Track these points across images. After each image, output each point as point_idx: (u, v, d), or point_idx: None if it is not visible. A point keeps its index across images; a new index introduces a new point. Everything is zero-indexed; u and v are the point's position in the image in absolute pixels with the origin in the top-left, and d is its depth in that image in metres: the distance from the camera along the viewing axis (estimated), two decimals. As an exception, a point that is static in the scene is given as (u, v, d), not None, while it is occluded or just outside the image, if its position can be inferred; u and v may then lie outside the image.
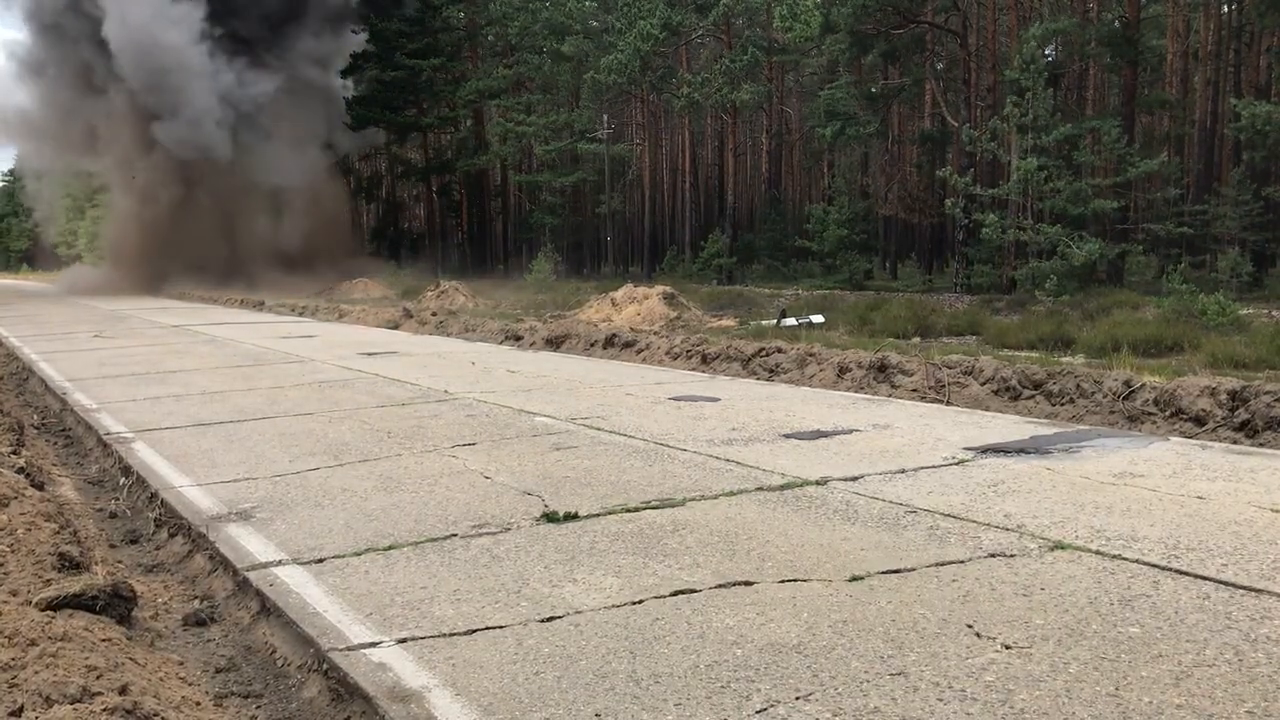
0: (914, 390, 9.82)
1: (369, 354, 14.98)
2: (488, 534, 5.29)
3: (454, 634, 3.96)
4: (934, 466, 6.65)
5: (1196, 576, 4.39)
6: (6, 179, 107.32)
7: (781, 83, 49.97)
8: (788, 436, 7.79)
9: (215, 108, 40.40)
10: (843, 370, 10.74)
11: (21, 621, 3.58)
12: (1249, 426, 7.37)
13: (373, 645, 3.87)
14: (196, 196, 41.52)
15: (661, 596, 4.30)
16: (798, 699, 3.31)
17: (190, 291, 37.57)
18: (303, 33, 43.71)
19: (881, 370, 10.39)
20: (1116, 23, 31.60)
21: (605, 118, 50.05)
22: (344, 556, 4.98)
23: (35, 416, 10.36)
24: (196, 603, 4.81)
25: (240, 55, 41.69)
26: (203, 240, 41.04)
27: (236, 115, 40.93)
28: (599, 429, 8.26)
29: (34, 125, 45.29)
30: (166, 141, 39.98)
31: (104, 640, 3.67)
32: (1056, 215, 26.25)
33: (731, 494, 6.00)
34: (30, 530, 4.83)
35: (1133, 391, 8.28)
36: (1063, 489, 5.94)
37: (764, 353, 11.91)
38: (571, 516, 5.56)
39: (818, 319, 21.59)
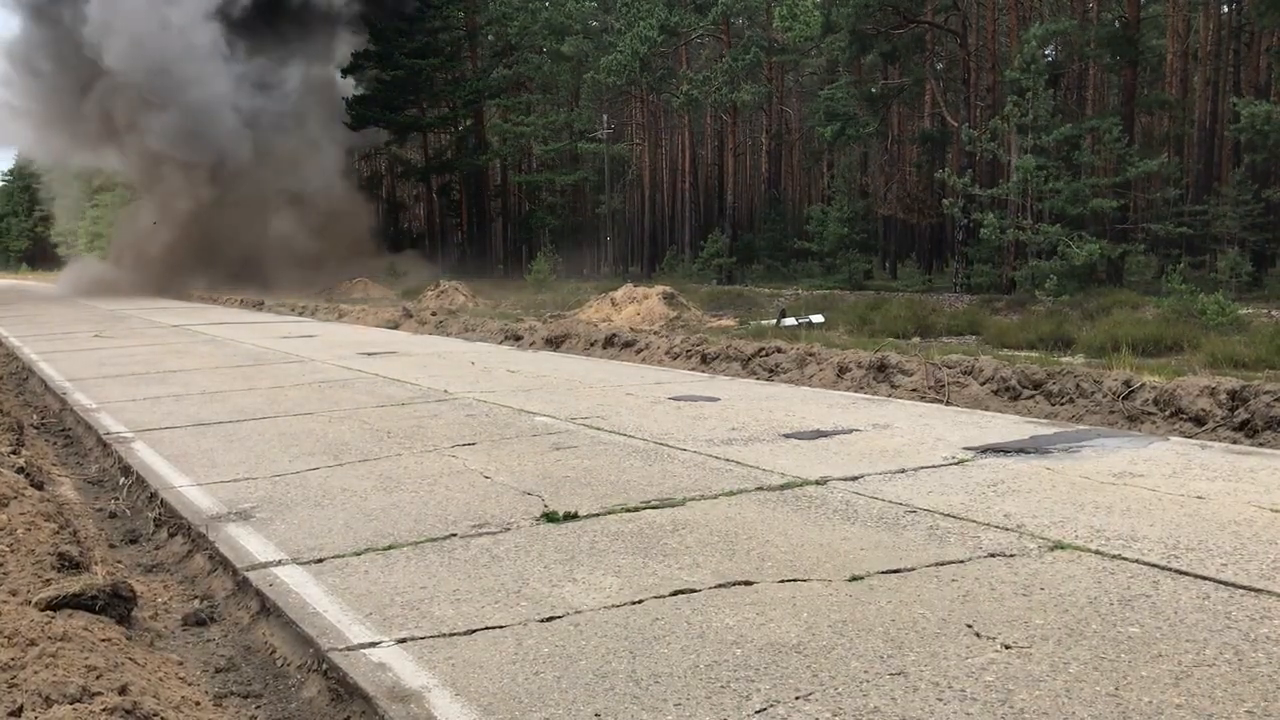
0: (914, 390, 9.82)
1: (369, 354, 14.98)
2: (487, 534, 5.29)
3: (454, 634, 3.96)
4: (934, 466, 6.65)
5: (1196, 576, 4.39)
6: (7, 179, 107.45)
7: (781, 83, 49.97)
8: (787, 436, 7.80)
9: (229, 104, 39.90)
10: (842, 370, 10.74)
11: (21, 621, 3.58)
12: (1249, 426, 7.37)
13: (372, 645, 3.87)
14: (212, 198, 41.05)
15: (661, 596, 4.30)
16: (798, 699, 3.31)
17: (189, 291, 37.57)
18: (310, 31, 43.52)
19: (881, 370, 10.39)
20: (1116, 23, 31.59)
21: (605, 118, 50.07)
22: (344, 556, 4.98)
23: (35, 416, 10.36)
24: (196, 603, 4.81)
25: (252, 51, 41.26)
26: (217, 241, 40.62)
27: (252, 114, 40.52)
28: (599, 429, 8.26)
29: (42, 120, 44.69)
30: (173, 139, 39.44)
31: (104, 640, 3.67)
32: (1056, 215, 26.25)
33: (731, 494, 6.00)
34: (30, 530, 4.83)
35: (1132, 391, 8.29)
36: (1062, 489, 5.94)
37: (764, 353, 11.91)
38: (571, 516, 5.56)
39: (817, 319, 21.59)
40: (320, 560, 4.93)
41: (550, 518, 5.54)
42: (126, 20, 38.58)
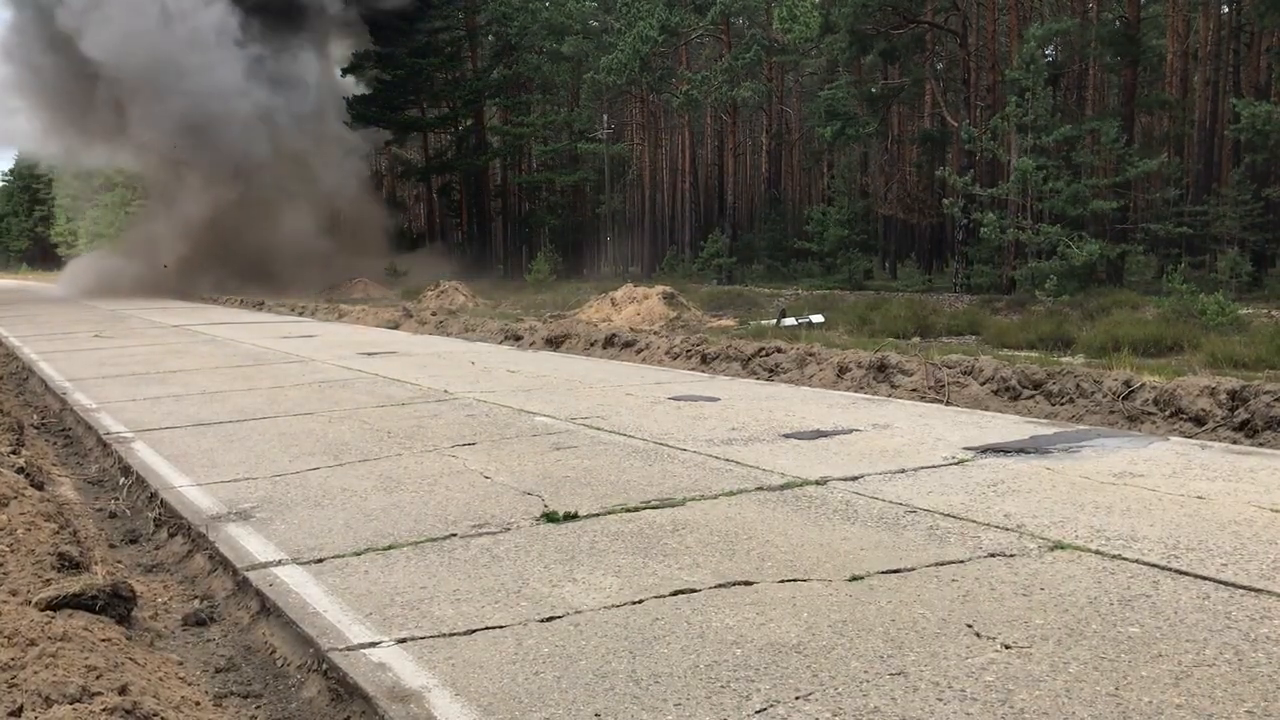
0: (914, 390, 9.82)
1: (369, 354, 14.98)
2: (487, 534, 5.29)
3: (454, 634, 3.96)
4: (934, 466, 6.65)
5: (1196, 576, 4.39)
6: (7, 179, 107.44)
7: (781, 83, 49.95)
8: (788, 436, 7.80)
9: (237, 102, 39.52)
10: (842, 370, 10.74)
11: (21, 621, 3.58)
12: (1249, 426, 7.37)
13: (372, 645, 3.87)
14: (227, 199, 40.68)
15: (661, 596, 4.30)
16: (798, 699, 3.31)
17: (191, 291, 37.55)
18: (312, 30, 43.34)
19: (881, 370, 10.39)
20: (1117, 23, 31.58)
21: (605, 118, 50.05)
22: (344, 556, 4.98)
23: (35, 416, 10.36)
24: (196, 602, 4.81)
25: (261, 43, 40.90)
26: (227, 241, 40.21)
27: (263, 112, 40.16)
28: (599, 429, 8.26)
29: (49, 116, 44.07)
30: (180, 137, 38.94)
31: (104, 640, 3.67)
32: (1056, 215, 26.24)
33: (731, 494, 6.00)
34: (30, 530, 4.83)
35: (1132, 391, 8.29)
36: (1063, 489, 5.94)
37: (764, 352, 11.91)
38: (571, 516, 5.56)
39: (817, 319, 21.57)
40: (320, 560, 4.93)
41: (550, 518, 5.54)
42: (119, 9, 37.82)
